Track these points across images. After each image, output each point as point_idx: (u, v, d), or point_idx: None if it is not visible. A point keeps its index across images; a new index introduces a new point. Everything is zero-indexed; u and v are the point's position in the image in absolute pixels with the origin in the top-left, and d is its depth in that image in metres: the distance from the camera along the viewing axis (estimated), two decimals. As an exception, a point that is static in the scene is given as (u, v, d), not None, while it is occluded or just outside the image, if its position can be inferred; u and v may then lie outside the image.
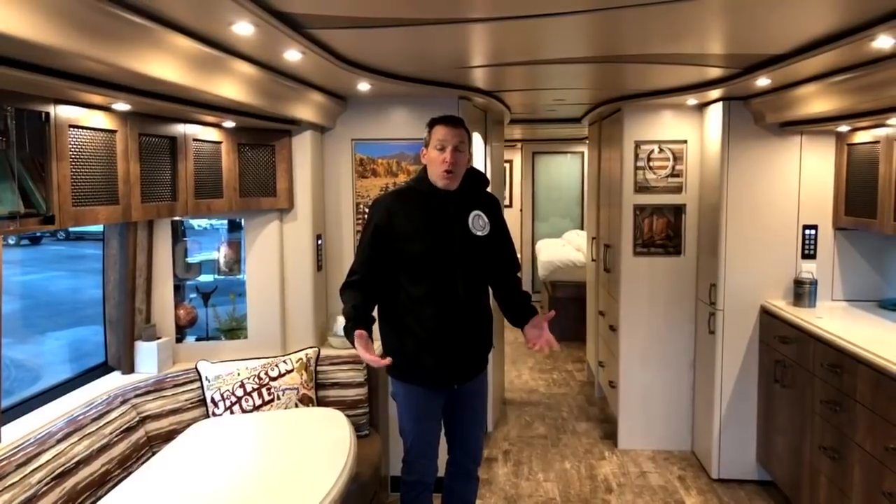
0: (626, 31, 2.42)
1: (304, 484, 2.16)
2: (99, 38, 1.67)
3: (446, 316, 2.53)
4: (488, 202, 2.70)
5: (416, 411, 2.65)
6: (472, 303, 2.59)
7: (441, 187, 2.54)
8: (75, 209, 2.17)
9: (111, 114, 2.35)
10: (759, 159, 3.78)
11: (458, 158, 2.51)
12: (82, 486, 2.33)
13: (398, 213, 2.54)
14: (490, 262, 2.66)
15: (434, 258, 2.52)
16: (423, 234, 2.53)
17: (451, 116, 2.60)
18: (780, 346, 3.53)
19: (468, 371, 2.66)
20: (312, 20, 2.11)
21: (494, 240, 2.65)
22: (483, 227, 2.60)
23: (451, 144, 2.50)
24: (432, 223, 2.54)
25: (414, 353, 2.56)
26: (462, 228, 2.56)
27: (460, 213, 2.58)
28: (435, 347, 2.55)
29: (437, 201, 2.57)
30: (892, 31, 2.06)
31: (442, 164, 2.50)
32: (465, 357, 2.63)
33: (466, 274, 2.56)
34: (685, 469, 4.09)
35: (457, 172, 2.53)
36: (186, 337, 3.40)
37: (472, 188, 2.66)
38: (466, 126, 2.61)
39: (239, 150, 3.20)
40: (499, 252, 2.70)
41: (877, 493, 2.58)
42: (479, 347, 2.69)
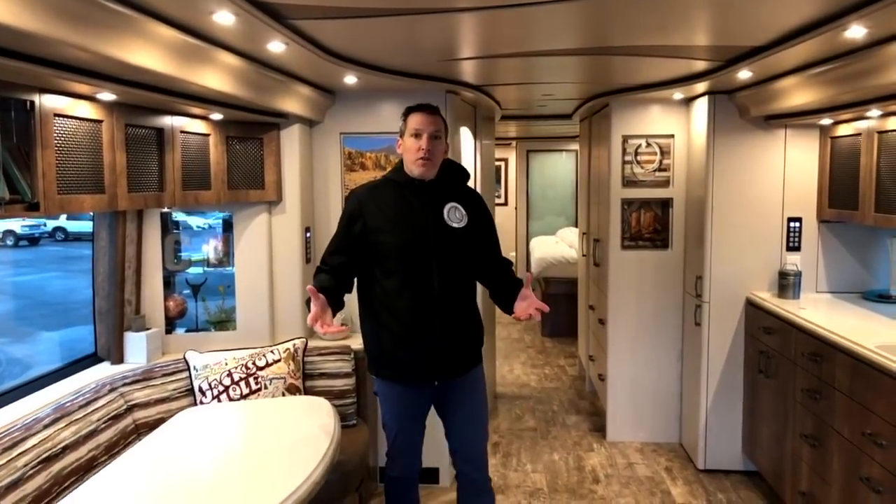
0: (614, 21, 2.45)
1: (284, 470, 2.19)
2: (80, 25, 1.70)
3: (421, 310, 2.46)
4: (468, 195, 2.65)
5: (397, 408, 2.61)
6: (450, 296, 2.50)
7: (417, 176, 2.49)
8: (60, 197, 2.20)
9: (97, 104, 2.38)
10: (744, 153, 3.81)
11: (434, 146, 2.46)
12: (68, 471, 2.36)
13: (371, 203, 2.50)
14: (470, 255, 2.58)
15: (406, 250, 2.46)
16: (394, 226, 2.48)
17: (427, 105, 2.54)
18: (764, 337, 3.57)
19: (451, 368, 2.56)
20: (294, 10, 2.14)
21: (474, 233, 2.57)
22: (460, 220, 2.52)
23: (426, 131, 2.45)
24: (405, 214, 2.49)
25: (390, 348, 2.52)
26: (436, 220, 2.49)
27: (435, 204, 2.51)
28: (411, 343, 2.49)
29: (410, 192, 2.51)
30: (863, 20, 2.10)
31: (417, 152, 2.45)
32: (446, 352, 2.53)
33: (443, 267, 2.48)
34: (672, 460, 4.12)
35: (434, 160, 2.48)
36: (176, 328, 3.44)
37: (450, 180, 2.60)
38: (443, 116, 2.57)
39: (227, 142, 3.23)
40: (481, 246, 2.62)
41: (855, 479, 2.61)
42: (461, 343, 2.58)
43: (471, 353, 2.64)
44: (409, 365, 2.52)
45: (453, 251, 2.52)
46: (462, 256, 2.55)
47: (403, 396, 2.58)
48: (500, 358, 6.27)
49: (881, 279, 3.73)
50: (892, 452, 2.39)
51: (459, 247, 2.53)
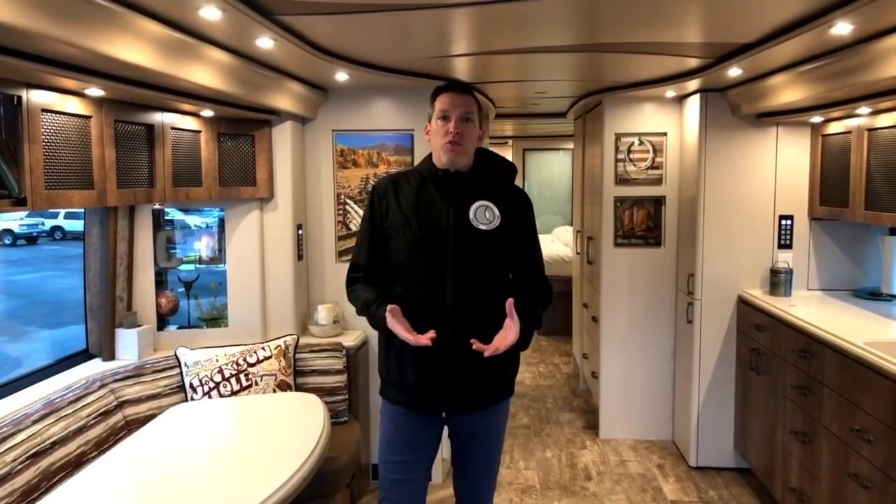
0: (606, 16, 2.45)
1: (273, 465, 2.19)
2: (66, 20, 1.70)
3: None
4: (508, 196, 2.20)
5: (394, 434, 2.21)
6: (464, 312, 2.08)
7: (445, 164, 2.13)
8: (48, 192, 2.20)
9: (85, 99, 2.38)
10: (736, 151, 3.82)
11: (465, 129, 2.11)
12: (57, 466, 2.37)
13: (392, 197, 2.18)
14: (495, 265, 2.16)
15: (418, 251, 2.11)
16: (409, 222, 2.13)
17: (458, 82, 2.21)
18: (755, 335, 3.58)
19: (465, 399, 2.15)
20: (282, 6, 2.14)
21: (505, 239, 2.14)
22: (489, 221, 2.12)
23: (455, 112, 2.10)
24: (423, 210, 2.13)
25: (396, 366, 2.16)
26: (459, 218, 2.11)
27: (461, 200, 2.13)
28: (417, 361, 2.11)
29: (434, 184, 2.16)
30: (849, 16, 2.11)
31: (445, 136, 2.10)
32: (456, 379, 2.11)
33: (459, 275, 2.08)
34: (665, 457, 4.13)
35: (464, 145, 2.11)
36: (168, 325, 3.44)
37: (486, 174, 2.22)
38: (476, 96, 2.21)
39: (218, 139, 3.23)
40: (512, 257, 2.20)
41: (843, 475, 2.62)
42: (479, 370, 2.09)
43: (492, 383, 2.19)
44: (414, 387, 2.15)
45: (474, 258, 2.11)
46: (484, 265, 2.13)
47: (405, 424, 2.20)
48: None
49: (872, 277, 3.74)
50: (879, 448, 2.40)
51: (482, 253, 2.12)
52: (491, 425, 2.24)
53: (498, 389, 2.22)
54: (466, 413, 2.18)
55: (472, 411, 2.18)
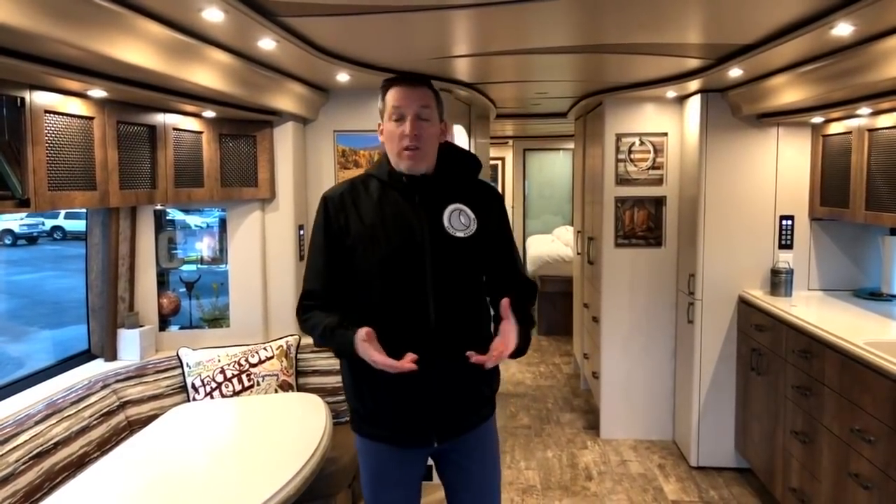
0: (607, 18, 2.45)
1: (275, 465, 2.20)
2: (69, 21, 1.71)
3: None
4: (479, 192, 1.99)
5: (376, 474, 1.98)
6: (452, 330, 1.86)
7: (404, 171, 1.88)
8: (51, 193, 2.21)
9: (88, 101, 2.39)
10: (736, 151, 3.82)
11: (422, 129, 1.85)
12: (60, 467, 2.38)
13: (350, 209, 1.91)
14: (478, 273, 1.97)
15: (392, 269, 1.86)
16: (376, 237, 1.87)
17: (410, 74, 1.96)
18: (755, 335, 3.58)
19: (455, 422, 1.94)
20: (284, 7, 2.15)
21: (484, 243, 1.94)
22: (466, 227, 1.90)
23: (410, 110, 1.84)
24: (391, 221, 1.88)
25: (371, 397, 1.91)
26: (433, 227, 1.88)
27: (433, 207, 1.90)
28: (399, 391, 1.87)
29: (399, 191, 1.91)
30: (849, 17, 2.11)
31: (401, 140, 1.85)
32: (449, 403, 1.91)
33: (442, 291, 1.86)
34: (665, 457, 4.14)
35: (424, 149, 1.86)
36: (170, 325, 3.45)
37: (453, 173, 1.98)
38: (433, 87, 1.94)
39: (220, 140, 3.24)
40: (492, 260, 1.99)
41: (844, 475, 2.63)
42: (468, 390, 1.93)
43: (481, 402, 1.99)
44: (398, 421, 1.91)
45: (455, 269, 1.89)
46: (466, 276, 1.92)
47: (386, 458, 1.96)
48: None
49: (873, 277, 3.74)
50: (880, 448, 2.40)
51: (464, 263, 1.91)
52: (487, 443, 2.03)
53: (485, 405, 2.01)
54: (457, 436, 1.95)
55: (462, 434, 1.96)
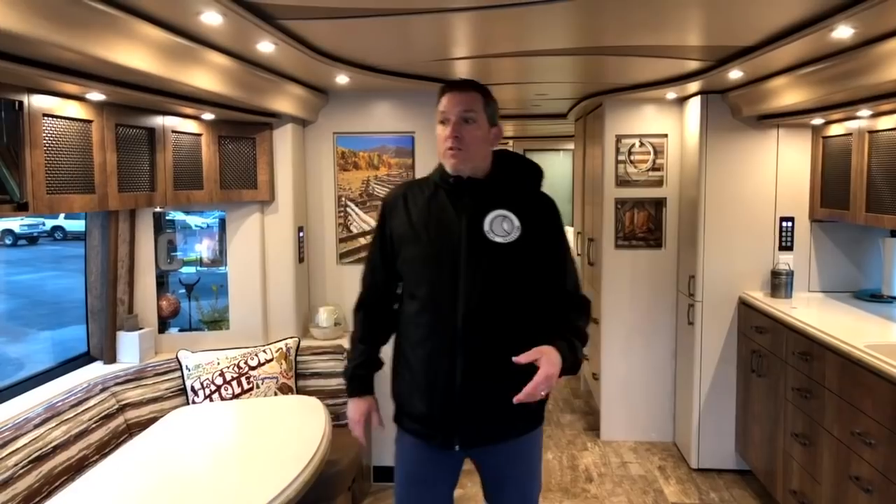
0: (607, 20, 2.45)
1: (274, 469, 2.20)
2: (66, 25, 1.71)
3: (439, 348, 1.87)
4: (531, 203, 1.96)
5: (406, 467, 2.04)
6: (478, 334, 1.87)
7: (449, 171, 1.94)
8: (49, 197, 2.21)
9: (86, 104, 2.39)
10: (737, 152, 3.82)
11: (465, 131, 1.88)
12: (59, 471, 2.37)
13: (401, 208, 2.00)
14: (514, 281, 1.92)
15: (428, 267, 1.93)
16: (419, 236, 1.94)
17: (459, 80, 2.00)
18: (756, 336, 3.58)
19: (480, 433, 1.93)
20: (283, 10, 2.15)
21: (526, 252, 1.91)
22: (507, 233, 1.89)
23: (453, 114, 1.89)
24: (434, 221, 1.94)
25: (407, 392, 1.98)
26: (472, 230, 1.90)
27: (476, 211, 1.91)
28: (427, 388, 1.92)
29: (447, 193, 1.96)
30: (850, 20, 2.10)
31: (445, 141, 1.90)
32: (472, 413, 1.90)
33: (471, 294, 1.87)
34: (666, 459, 4.13)
35: (466, 150, 1.89)
36: (169, 328, 3.44)
37: (506, 179, 1.99)
38: (485, 91, 1.97)
39: (219, 142, 3.24)
40: (536, 271, 1.93)
41: (844, 478, 2.62)
42: (495, 399, 1.85)
43: (513, 414, 1.88)
44: (424, 417, 1.95)
45: (488, 275, 1.89)
46: (501, 283, 1.90)
47: (417, 453, 2.01)
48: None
49: (873, 279, 3.73)
50: (880, 451, 2.40)
51: (498, 269, 1.90)
52: (519, 459, 2.00)
53: (523, 419, 1.95)
54: (484, 446, 1.97)
55: (490, 444, 1.96)
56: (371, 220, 3.76)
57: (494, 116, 1.98)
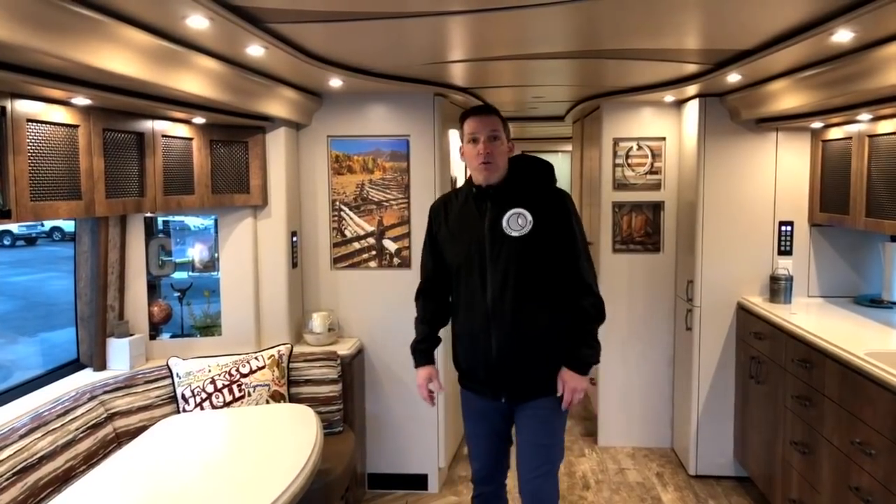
0: (605, 24, 2.42)
1: (265, 479, 2.16)
2: (48, 31, 1.66)
3: (477, 324, 2.37)
4: (543, 199, 2.37)
5: (466, 411, 2.59)
6: (504, 312, 2.32)
7: (481, 183, 2.36)
8: (34, 204, 2.16)
9: (72, 108, 2.34)
10: (735, 156, 3.78)
11: (493, 148, 2.32)
12: (45, 482, 2.32)
13: (442, 216, 2.50)
14: (532, 267, 2.33)
15: (463, 263, 2.40)
16: (454, 236, 2.44)
17: (480, 106, 2.46)
18: (755, 342, 3.53)
19: (516, 389, 2.40)
20: (272, 14, 2.10)
21: (538, 242, 2.31)
22: (521, 227, 2.31)
23: (483, 134, 2.32)
24: (465, 224, 2.41)
25: (462, 360, 2.51)
26: (493, 228, 2.33)
27: (496, 211, 2.34)
28: (474, 354, 2.42)
29: (474, 200, 2.40)
30: (849, 24, 2.07)
31: (477, 157, 2.32)
32: (504, 371, 2.37)
33: (496, 280, 2.32)
34: (664, 466, 4.09)
35: (496, 163, 2.33)
36: (161, 334, 3.40)
37: (522, 182, 2.39)
38: (500, 114, 2.41)
39: (211, 146, 3.19)
40: (550, 257, 2.34)
41: (844, 488, 2.58)
42: (523, 364, 2.35)
43: (539, 377, 2.38)
44: (476, 379, 2.48)
45: (509, 262, 2.31)
46: (521, 268, 2.32)
47: (472, 403, 2.54)
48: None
49: (873, 284, 3.69)
50: (881, 462, 2.35)
51: (516, 257, 2.31)
52: (535, 411, 2.40)
53: (546, 382, 2.38)
54: (523, 400, 2.42)
55: (525, 399, 2.41)
56: (365, 225, 3.72)
57: (509, 132, 2.44)
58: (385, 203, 3.70)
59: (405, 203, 3.70)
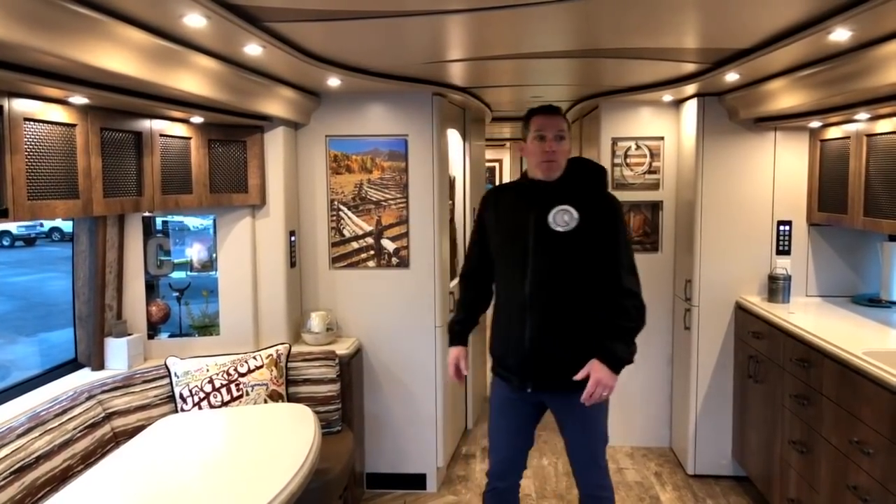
0: (603, 23, 2.41)
1: (262, 478, 2.16)
2: (44, 29, 1.66)
3: (513, 313, 2.45)
4: (591, 200, 2.44)
5: (495, 402, 2.64)
6: (541, 303, 2.39)
7: (541, 178, 2.45)
8: (31, 203, 2.16)
9: (70, 107, 2.34)
10: (734, 155, 3.78)
11: (558, 147, 2.42)
12: (42, 481, 2.32)
13: (492, 204, 2.59)
14: (573, 262, 2.40)
15: (505, 252, 2.50)
16: (501, 227, 2.53)
17: (548, 106, 2.52)
18: (753, 342, 3.54)
19: (546, 380, 2.45)
20: (270, 13, 2.10)
21: (582, 239, 2.38)
22: (567, 224, 2.38)
23: (550, 132, 2.42)
24: (513, 215, 2.50)
25: (496, 347, 2.58)
26: (539, 222, 2.40)
27: (543, 206, 2.41)
28: (508, 341, 2.49)
29: (525, 194, 2.49)
30: (847, 23, 2.07)
31: (542, 154, 2.41)
32: (536, 361, 2.42)
33: (536, 271, 2.39)
34: (662, 465, 4.09)
35: (558, 161, 2.43)
36: (159, 333, 3.39)
37: (573, 181, 2.47)
38: (565, 116, 2.53)
39: (209, 145, 3.19)
40: (591, 256, 2.40)
41: (842, 487, 2.58)
42: (556, 355, 2.40)
43: (567, 370, 2.40)
44: (507, 366, 2.53)
45: (551, 256, 2.40)
46: (561, 262, 2.40)
47: (503, 391, 2.59)
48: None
49: (871, 283, 3.70)
50: (878, 461, 2.36)
51: (558, 252, 2.39)
52: (576, 408, 2.43)
53: (571, 375, 2.39)
54: (551, 392, 2.47)
55: (553, 391, 2.47)
56: (364, 224, 3.72)
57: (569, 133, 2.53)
58: (383, 203, 3.70)
59: (403, 203, 3.69)
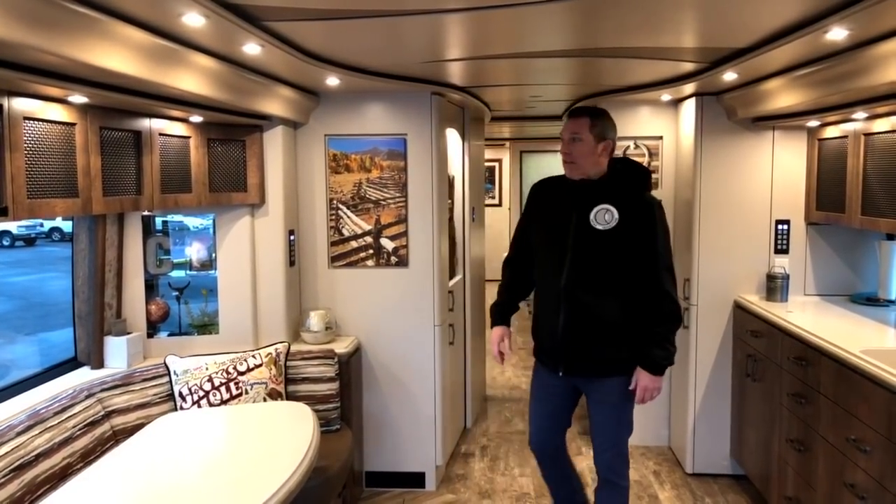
0: (603, 21, 2.42)
1: (261, 477, 2.16)
2: (43, 28, 1.67)
3: (549, 303, 2.61)
4: (632, 202, 2.53)
5: (533, 385, 2.84)
6: (576, 296, 2.53)
7: (567, 177, 2.62)
8: (30, 201, 2.17)
9: (69, 106, 2.35)
10: (732, 154, 3.79)
11: (572, 148, 2.55)
12: (42, 479, 2.33)
13: (537, 197, 2.74)
14: (610, 260, 2.52)
15: (545, 245, 2.64)
16: (543, 220, 2.67)
17: (577, 108, 2.70)
18: (751, 341, 3.54)
19: (577, 366, 2.61)
20: (268, 12, 2.11)
21: (621, 239, 2.49)
22: (607, 223, 2.50)
23: (566, 134, 2.57)
24: (554, 210, 2.63)
25: (536, 332, 2.75)
26: (580, 219, 2.53)
27: (585, 204, 2.54)
28: (544, 327, 2.66)
29: (567, 190, 2.62)
30: (844, 22, 2.07)
31: (562, 156, 2.60)
32: (568, 349, 2.59)
33: (574, 266, 2.53)
34: (661, 464, 4.10)
35: (576, 162, 2.56)
36: (159, 332, 3.40)
37: (616, 182, 2.57)
38: (594, 114, 2.59)
39: (208, 144, 3.20)
40: (627, 256, 2.51)
41: (839, 485, 2.59)
42: (587, 346, 2.57)
43: (600, 360, 2.59)
44: (543, 351, 2.71)
45: (589, 252, 2.53)
46: (599, 259, 2.53)
47: (541, 373, 2.77)
48: (490, 359, 6.24)
49: (869, 282, 3.70)
50: (875, 459, 2.36)
51: (597, 249, 2.52)
52: (602, 395, 2.63)
53: (607, 365, 2.59)
54: (581, 377, 2.63)
55: (583, 376, 2.63)
56: (363, 223, 3.73)
57: (604, 133, 2.57)
58: (382, 202, 3.71)
59: (402, 202, 3.70)
